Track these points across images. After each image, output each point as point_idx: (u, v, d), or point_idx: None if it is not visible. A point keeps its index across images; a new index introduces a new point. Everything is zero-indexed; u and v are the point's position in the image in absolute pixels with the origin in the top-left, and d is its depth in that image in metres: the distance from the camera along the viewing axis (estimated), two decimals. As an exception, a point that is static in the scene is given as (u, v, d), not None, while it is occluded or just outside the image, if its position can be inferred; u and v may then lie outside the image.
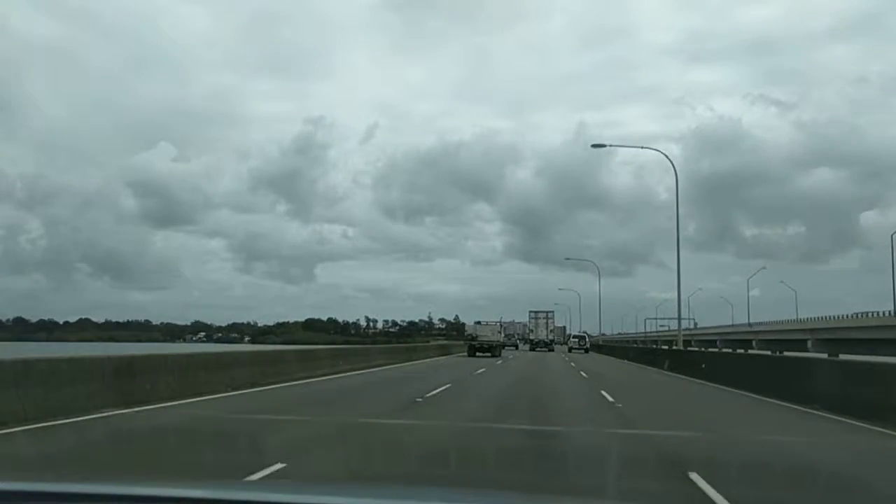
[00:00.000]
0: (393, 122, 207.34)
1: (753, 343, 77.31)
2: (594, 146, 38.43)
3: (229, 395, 14.54)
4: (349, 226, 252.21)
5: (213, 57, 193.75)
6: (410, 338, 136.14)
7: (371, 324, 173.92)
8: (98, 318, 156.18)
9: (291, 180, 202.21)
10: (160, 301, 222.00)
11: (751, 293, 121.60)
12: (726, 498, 6.04)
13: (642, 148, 44.16)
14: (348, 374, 22.70)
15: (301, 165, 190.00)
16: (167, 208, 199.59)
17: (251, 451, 8.13)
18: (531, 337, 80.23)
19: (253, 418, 11.21)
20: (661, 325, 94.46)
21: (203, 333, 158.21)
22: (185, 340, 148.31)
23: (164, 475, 6.18)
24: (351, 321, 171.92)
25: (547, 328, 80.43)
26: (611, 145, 44.04)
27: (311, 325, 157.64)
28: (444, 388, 17.86)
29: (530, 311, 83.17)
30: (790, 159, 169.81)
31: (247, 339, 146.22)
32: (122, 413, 11.10)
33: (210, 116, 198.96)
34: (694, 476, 6.88)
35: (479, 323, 50.05)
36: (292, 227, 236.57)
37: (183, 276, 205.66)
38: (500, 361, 39.13)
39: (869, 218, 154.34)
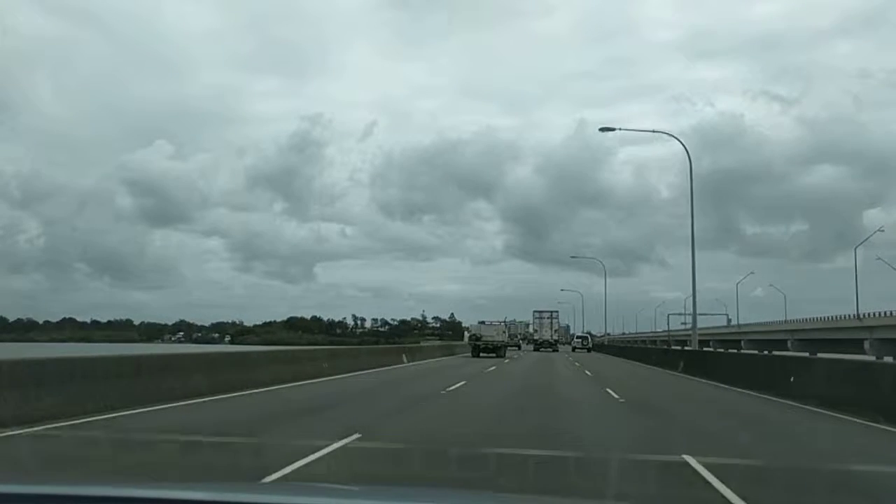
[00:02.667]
0: (393, 119, 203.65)
1: (865, 344, 55.97)
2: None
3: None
4: (347, 224, 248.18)
5: (212, 54, 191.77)
6: (401, 338, 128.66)
7: (358, 322, 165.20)
8: (85, 317, 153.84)
9: (289, 178, 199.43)
10: (152, 300, 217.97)
11: (753, 293, 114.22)
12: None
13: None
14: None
15: (299, 163, 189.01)
16: (163, 207, 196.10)
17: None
18: (535, 337, 79.20)
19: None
20: (683, 323, 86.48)
21: (181, 333, 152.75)
22: (162, 341, 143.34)
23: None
24: (337, 320, 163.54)
25: (551, 328, 79.20)
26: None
27: (294, 325, 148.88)
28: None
29: (534, 311, 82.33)
30: (792, 156, 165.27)
31: (227, 339, 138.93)
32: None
33: (208, 114, 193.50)
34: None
35: (483, 323, 48.12)
36: (290, 225, 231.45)
37: (178, 275, 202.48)
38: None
39: (871, 216, 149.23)
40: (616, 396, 16.77)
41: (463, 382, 19.97)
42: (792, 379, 16.54)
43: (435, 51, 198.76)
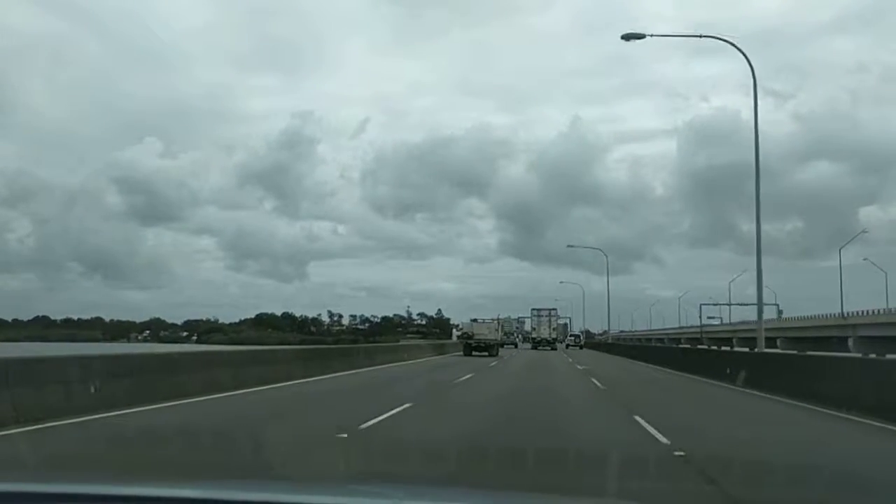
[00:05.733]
0: (388, 116, 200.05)
1: None
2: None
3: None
4: (339, 222, 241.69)
5: (204, 51, 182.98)
6: (382, 336, 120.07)
7: (335, 319, 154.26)
8: (62, 316, 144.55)
9: (281, 176, 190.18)
10: (141, 299, 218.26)
11: (746, 292, 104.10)
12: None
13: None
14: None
15: (291, 161, 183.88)
16: (152, 205, 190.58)
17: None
18: (533, 335, 76.50)
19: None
20: (710, 318, 77.59)
21: (148, 332, 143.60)
22: (128, 339, 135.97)
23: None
24: (311, 316, 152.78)
25: (550, 326, 76.95)
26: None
27: (263, 322, 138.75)
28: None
29: (532, 309, 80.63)
30: (789, 152, 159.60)
31: (193, 338, 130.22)
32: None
33: (201, 112, 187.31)
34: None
35: (475, 320, 46.67)
36: (281, 223, 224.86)
37: (166, 274, 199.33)
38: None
39: (869, 213, 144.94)
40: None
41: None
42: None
43: (431, 47, 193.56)
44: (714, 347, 59.08)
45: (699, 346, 58.62)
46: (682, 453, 8.03)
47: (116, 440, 8.48)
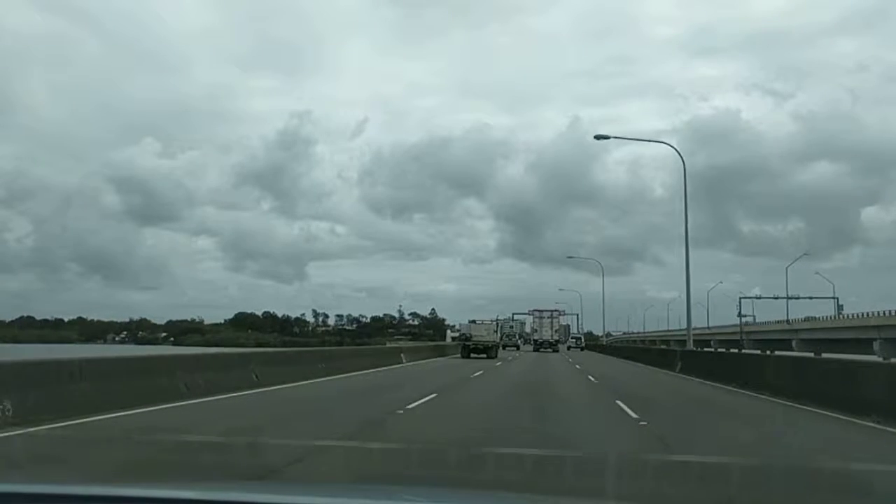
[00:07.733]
0: (387, 118, 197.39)
1: None
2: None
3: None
4: (337, 223, 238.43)
5: (205, 52, 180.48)
6: (371, 337, 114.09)
7: (320, 319, 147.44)
8: (48, 316, 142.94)
9: (280, 176, 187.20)
10: (133, 300, 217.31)
11: (751, 292, 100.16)
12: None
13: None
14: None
15: (290, 161, 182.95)
16: (150, 205, 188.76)
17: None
18: (535, 337, 74.91)
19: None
20: (741, 316, 71.45)
21: (125, 333, 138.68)
22: (105, 341, 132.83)
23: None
24: (294, 316, 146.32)
25: (552, 328, 74.76)
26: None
27: (242, 322, 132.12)
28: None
29: (535, 310, 79.08)
30: (790, 153, 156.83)
31: (171, 339, 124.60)
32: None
33: (201, 113, 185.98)
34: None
35: (473, 322, 45.77)
36: (279, 224, 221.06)
37: (165, 274, 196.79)
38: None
39: (870, 214, 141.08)
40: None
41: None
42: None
43: (431, 48, 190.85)
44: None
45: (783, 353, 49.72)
46: None
47: None
